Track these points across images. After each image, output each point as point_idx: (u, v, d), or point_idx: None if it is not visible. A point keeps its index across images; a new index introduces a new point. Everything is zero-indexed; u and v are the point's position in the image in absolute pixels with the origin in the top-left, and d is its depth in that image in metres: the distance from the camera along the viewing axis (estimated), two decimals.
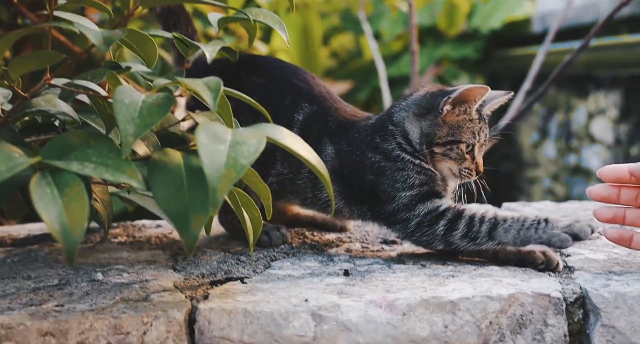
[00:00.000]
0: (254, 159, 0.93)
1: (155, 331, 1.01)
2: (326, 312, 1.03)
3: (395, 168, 1.26)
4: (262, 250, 1.34)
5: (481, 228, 1.20)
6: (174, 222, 0.93)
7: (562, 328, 1.06)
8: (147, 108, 0.95)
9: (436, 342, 1.04)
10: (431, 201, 1.25)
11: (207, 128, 0.95)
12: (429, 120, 1.26)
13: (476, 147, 1.27)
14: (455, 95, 1.23)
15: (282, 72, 1.37)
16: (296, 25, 5.37)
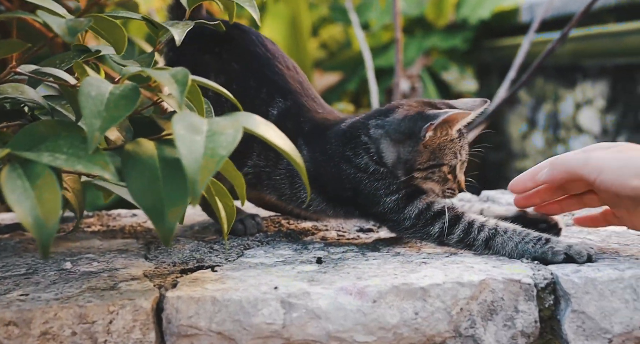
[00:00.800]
0: (232, 149, 0.91)
1: (122, 320, 1.00)
2: (296, 299, 1.02)
3: (373, 179, 1.23)
4: (236, 239, 1.33)
5: (479, 236, 1.17)
6: (150, 214, 0.92)
7: (533, 314, 1.05)
8: (115, 101, 0.94)
9: (406, 329, 1.04)
10: (419, 200, 1.22)
11: (183, 118, 0.93)
12: (408, 146, 1.21)
13: (457, 165, 1.23)
14: (438, 121, 1.17)
15: (260, 59, 1.34)
16: (284, 16, 5.35)
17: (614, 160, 1.07)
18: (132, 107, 0.94)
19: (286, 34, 5.40)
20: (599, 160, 1.08)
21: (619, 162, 1.06)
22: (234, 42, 1.34)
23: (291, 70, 1.34)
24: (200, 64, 1.33)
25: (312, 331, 1.02)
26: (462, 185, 1.25)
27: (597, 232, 1.30)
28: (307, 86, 1.33)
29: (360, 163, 1.24)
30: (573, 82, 4.40)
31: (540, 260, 1.13)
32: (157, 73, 0.97)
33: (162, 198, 0.92)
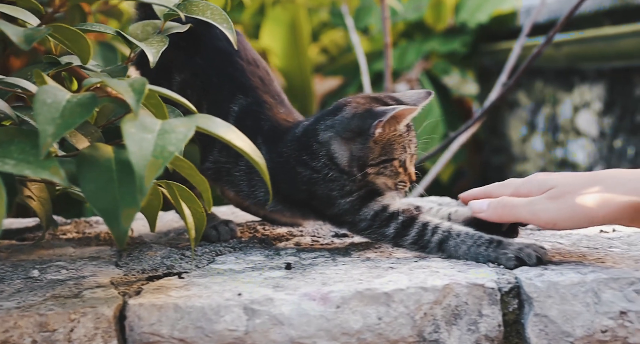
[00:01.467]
0: (181, 146, 0.92)
1: (83, 328, 1.00)
2: (259, 306, 1.03)
3: (327, 180, 1.24)
4: (209, 245, 1.33)
5: (432, 238, 1.18)
6: (104, 217, 0.92)
7: (497, 318, 1.05)
8: (70, 109, 0.94)
9: (370, 334, 1.04)
10: (375, 202, 1.23)
11: (135, 119, 0.94)
12: (359, 143, 1.22)
13: (407, 159, 1.24)
14: (386, 118, 1.18)
15: (222, 54, 1.34)
16: (284, 21, 5.36)
17: (562, 212, 1.08)
18: (87, 115, 0.94)
19: (286, 39, 5.41)
20: (547, 214, 1.09)
21: (567, 212, 1.07)
22: (199, 37, 1.35)
23: (252, 64, 1.34)
24: (166, 59, 1.33)
25: (275, 338, 1.02)
26: (413, 177, 1.26)
27: (569, 236, 1.30)
28: (268, 82, 1.34)
29: (316, 166, 1.24)
30: (571, 85, 4.40)
31: (494, 262, 1.14)
32: (115, 83, 0.98)
33: (117, 200, 0.92)
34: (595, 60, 4.09)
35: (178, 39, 1.31)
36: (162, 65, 1.32)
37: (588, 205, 1.06)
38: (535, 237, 1.30)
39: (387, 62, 2.67)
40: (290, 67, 5.49)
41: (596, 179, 1.08)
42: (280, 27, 5.36)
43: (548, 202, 1.09)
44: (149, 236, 1.41)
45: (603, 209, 1.05)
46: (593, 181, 1.08)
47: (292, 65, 5.53)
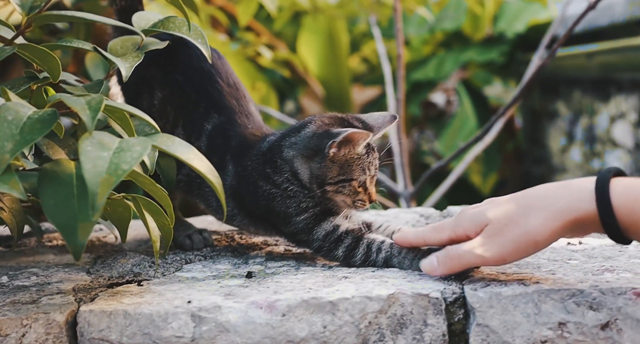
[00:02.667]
0: (135, 164, 0.96)
1: (34, 333, 1.05)
2: (206, 313, 1.06)
3: (285, 196, 1.27)
4: (182, 253, 1.37)
5: (378, 257, 1.21)
6: (61, 231, 0.97)
7: (441, 328, 1.07)
8: (30, 125, 0.99)
9: (315, 342, 1.06)
10: (327, 222, 1.25)
11: (93, 137, 0.99)
12: (317, 162, 1.24)
13: (367, 180, 1.26)
14: (339, 139, 1.20)
15: (202, 74, 1.38)
16: (321, 31, 5.39)
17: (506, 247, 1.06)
18: (47, 130, 0.99)
19: (323, 49, 5.44)
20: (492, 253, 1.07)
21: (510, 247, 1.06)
22: (180, 56, 1.39)
23: (231, 86, 1.38)
24: (147, 76, 1.38)
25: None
26: (373, 197, 1.28)
27: None
28: (244, 102, 1.37)
29: (278, 180, 1.27)
30: (607, 95, 4.35)
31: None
32: (72, 100, 1.02)
33: (75, 214, 0.96)
34: (630, 70, 4.04)
35: (162, 58, 1.37)
36: (145, 81, 1.37)
37: (528, 234, 1.05)
38: None
39: (399, 72, 2.68)
40: (328, 76, 5.53)
41: (527, 203, 1.07)
42: (317, 36, 5.39)
43: (489, 242, 1.07)
44: (129, 244, 1.45)
45: (543, 234, 1.04)
46: (524, 206, 1.06)
47: (330, 74, 5.56)
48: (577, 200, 1.04)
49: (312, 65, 5.46)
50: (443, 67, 5.68)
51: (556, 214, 1.03)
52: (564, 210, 1.03)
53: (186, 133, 1.35)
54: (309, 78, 5.62)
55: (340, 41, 5.51)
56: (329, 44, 5.47)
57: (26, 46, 1.11)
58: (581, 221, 1.04)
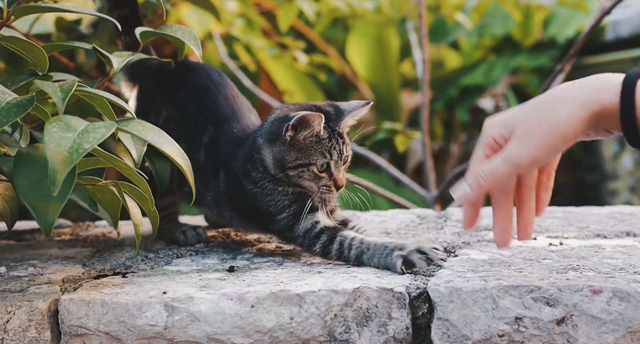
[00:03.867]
0: (96, 144, 1.02)
1: (17, 319, 1.11)
2: (179, 303, 1.11)
3: (264, 194, 1.32)
4: (175, 248, 1.43)
5: (350, 254, 1.24)
6: (33, 210, 1.04)
7: (405, 321, 1.10)
8: (7, 109, 1.07)
9: (282, 332, 1.10)
10: (306, 219, 1.29)
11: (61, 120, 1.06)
12: (278, 146, 1.29)
13: (331, 164, 1.29)
14: (292, 121, 1.24)
15: (202, 90, 1.45)
16: (370, 35, 5.41)
17: (538, 148, 1.04)
18: (22, 114, 1.06)
19: (372, 53, 5.46)
20: (525, 156, 1.04)
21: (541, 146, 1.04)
22: (183, 77, 1.47)
23: (228, 99, 1.44)
24: (156, 97, 1.47)
25: (193, 333, 1.10)
26: (339, 182, 1.30)
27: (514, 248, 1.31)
28: (240, 112, 1.43)
29: (256, 176, 1.32)
30: None
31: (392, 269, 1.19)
32: (46, 85, 1.09)
33: (47, 194, 1.03)
34: None
35: (166, 81, 1.46)
36: (154, 102, 1.46)
37: (557, 127, 1.03)
38: (480, 248, 1.33)
39: (424, 77, 2.70)
40: (377, 81, 5.54)
41: (552, 97, 1.05)
42: (366, 41, 5.41)
43: (521, 146, 1.04)
44: (130, 239, 1.52)
45: (570, 124, 1.02)
46: (550, 101, 1.04)
47: (379, 79, 5.58)
48: (603, 91, 1.02)
49: (361, 70, 5.48)
50: (492, 72, 5.65)
51: (582, 103, 1.02)
52: (590, 100, 1.02)
53: (188, 148, 1.40)
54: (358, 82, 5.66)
55: (390, 45, 5.52)
56: (378, 48, 5.49)
57: (12, 38, 1.18)
58: (604, 114, 1.02)
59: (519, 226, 1.12)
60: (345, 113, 1.31)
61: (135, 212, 1.24)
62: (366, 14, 3.92)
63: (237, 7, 3.34)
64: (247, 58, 3.46)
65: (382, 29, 5.31)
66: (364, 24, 5.13)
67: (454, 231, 1.45)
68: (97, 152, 1.14)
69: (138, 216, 1.25)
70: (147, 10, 2.08)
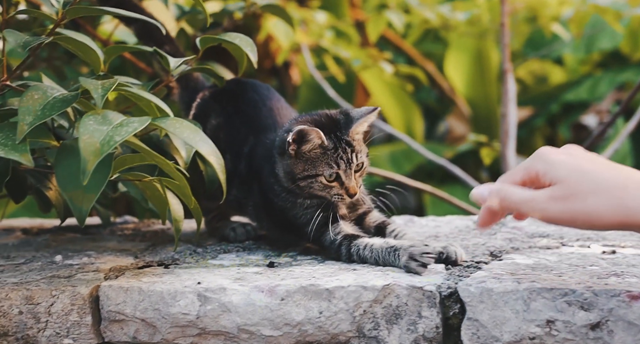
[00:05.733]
0: (127, 137, 1.07)
1: (61, 303, 1.16)
2: (212, 294, 1.13)
3: (288, 208, 1.34)
4: (223, 244, 1.45)
5: (370, 258, 1.24)
6: (69, 200, 1.09)
7: (435, 320, 1.08)
8: (53, 103, 1.13)
9: (311, 326, 1.10)
10: (328, 232, 1.30)
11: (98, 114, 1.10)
12: (286, 159, 1.30)
13: (341, 173, 1.28)
14: (290, 137, 1.26)
15: (248, 103, 1.48)
16: (470, 50, 5.35)
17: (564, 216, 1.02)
18: (65, 108, 1.13)
19: (470, 68, 5.40)
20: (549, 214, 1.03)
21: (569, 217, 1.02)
22: (234, 92, 1.51)
23: (272, 110, 1.46)
24: (209, 109, 1.51)
25: (224, 323, 1.12)
26: (351, 191, 1.29)
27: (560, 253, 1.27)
28: (280, 124, 1.43)
29: (277, 190, 1.35)
30: None
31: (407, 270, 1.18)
32: (88, 82, 1.14)
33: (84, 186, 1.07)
34: None
35: (220, 95, 1.51)
36: (204, 112, 1.50)
37: (590, 216, 1.00)
38: (527, 253, 1.29)
39: (505, 88, 2.64)
40: (475, 96, 5.47)
41: (604, 183, 1.00)
42: (466, 56, 5.35)
43: (551, 202, 1.02)
44: (186, 235, 1.54)
45: (603, 222, 0.99)
46: (600, 185, 1.00)
47: (478, 94, 5.51)
48: None
49: (459, 85, 5.42)
50: (597, 88, 5.48)
51: (625, 210, 0.98)
52: (634, 210, 0.98)
53: (232, 159, 1.43)
54: (456, 98, 5.60)
55: (490, 60, 5.43)
56: (477, 63, 5.42)
57: (68, 38, 1.23)
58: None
59: None
60: (353, 121, 1.30)
61: (176, 208, 1.28)
62: (459, 26, 3.87)
63: (327, 19, 3.37)
64: (335, 69, 3.48)
65: (482, 44, 5.24)
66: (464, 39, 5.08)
67: (506, 237, 1.42)
68: (140, 148, 1.18)
69: (179, 213, 1.28)
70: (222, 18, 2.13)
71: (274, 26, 3.11)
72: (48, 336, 1.16)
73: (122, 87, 1.19)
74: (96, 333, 1.17)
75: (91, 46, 1.25)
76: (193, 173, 1.36)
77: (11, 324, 1.16)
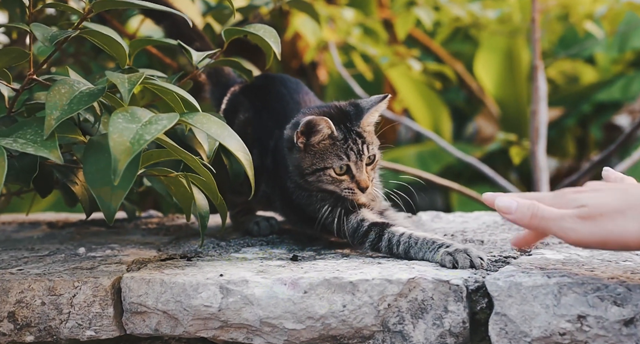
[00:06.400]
0: (157, 135, 1.05)
1: (83, 294, 1.15)
2: (234, 286, 1.11)
3: (306, 204, 1.31)
4: (247, 238, 1.44)
5: (398, 249, 1.20)
6: (97, 196, 1.07)
7: (461, 315, 1.05)
8: (79, 97, 1.11)
9: (334, 320, 1.08)
10: (350, 220, 1.27)
11: (127, 110, 1.09)
12: (294, 153, 1.28)
13: (351, 165, 1.25)
14: (299, 129, 1.23)
15: (276, 96, 1.46)
16: (500, 50, 5.29)
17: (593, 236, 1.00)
18: (92, 102, 1.11)
19: (501, 69, 5.34)
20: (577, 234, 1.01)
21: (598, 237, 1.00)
22: (263, 86, 1.49)
23: (300, 103, 1.43)
24: (239, 103, 1.49)
25: (246, 316, 1.10)
26: (362, 184, 1.26)
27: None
28: None
29: (290, 186, 1.33)
30: None
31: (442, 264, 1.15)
32: (115, 76, 1.13)
33: (111, 182, 1.05)
34: None
35: (249, 90, 1.49)
36: (233, 107, 1.49)
37: (621, 236, 0.98)
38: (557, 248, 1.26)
39: (535, 85, 2.60)
40: (505, 97, 5.42)
41: (630, 203, 0.99)
42: (496, 56, 5.30)
43: (579, 222, 1.01)
44: (210, 229, 1.53)
45: (636, 241, 0.98)
46: (626, 205, 0.99)
47: (507, 95, 5.45)
48: None
49: (489, 86, 5.37)
50: (631, 88, 5.41)
51: None
52: None
53: (260, 154, 1.41)
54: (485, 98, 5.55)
55: (520, 60, 5.38)
56: (507, 64, 5.36)
57: (94, 32, 1.22)
58: None
59: None
60: (364, 111, 1.28)
61: (202, 204, 1.27)
62: (489, 24, 3.83)
63: (354, 16, 3.34)
64: (363, 66, 3.45)
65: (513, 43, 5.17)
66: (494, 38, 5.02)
67: None
68: (167, 144, 1.16)
69: (205, 208, 1.27)
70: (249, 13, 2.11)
71: (301, 24, 3.10)
72: (70, 327, 1.15)
73: (148, 80, 1.17)
74: (118, 325, 1.16)
75: (117, 39, 1.24)
76: (219, 168, 1.35)
77: (34, 315, 1.15)
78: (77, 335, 1.15)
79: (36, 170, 1.18)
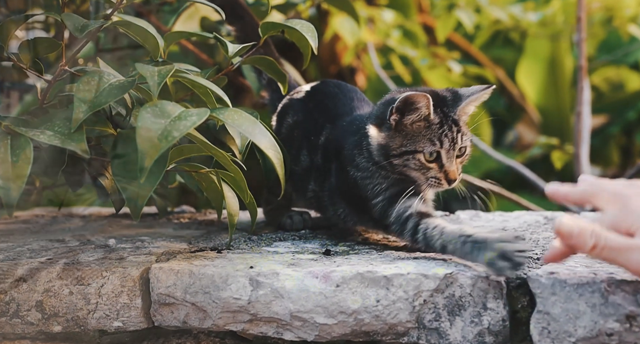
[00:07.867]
0: (185, 132, 1.03)
1: (111, 284, 1.12)
2: (264, 278, 1.08)
3: (364, 177, 1.24)
4: (280, 232, 1.41)
5: (435, 243, 1.12)
6: (122, 190, 1.06)
7: (501, 313, 1.01)
8: (108, 90, 1.10)
9: (367, 315, 1.04)
10: (399, 203, 1.19)
11: (156, 105, 1.06)
12: (383, 131, 1.20)
13: (442, 153, 1.18)
14: (396, 104, 1.16)
15: (327, 96, 1.42)
16: (543, 56, 5.21)
17: None
18: (120, 95, 1.09)
19: (543, 76, 5.26)
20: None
21: None
22: (317, 89, 1.45)
23: (351, 100, 1.39)
24: (289, 106, 1.45)
25: (276, 310, 1.07)
26: (451, 175, 1.19)
27: None
28: (356, 110, 1.37)
29: (360, 161, 1.25)
30: None
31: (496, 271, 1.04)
32: (144, 68, 1.10)
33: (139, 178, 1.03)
34: None
35: (304, 94, 1.44)
36: (285, 111, 1.46)
37: None
38: None
39: (579, 84, 2.54)
40: (547, 105, 5.33)
41: None
42: (539, 63, 5.22)
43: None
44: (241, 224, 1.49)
45: None
46: None
47: (550, 102, 5.36)
48: None
49: (530, 93, 5.29)
50: None
51: None
52: None
53: (309, 152, 1.37)
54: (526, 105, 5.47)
55: (564, 67, 5.28)
56: (550, 71, 5.27)
57: (127, 23, 1.20)
58: None
59: None
60: (463, 98, 1.21)
61: (232, 202, 1.24)
62: (530, 27, 3.76)
63: (394, 18, 3.31)
64: (401, 68, 3.41)
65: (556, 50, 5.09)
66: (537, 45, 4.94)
67: None
68: (197, 139, 1.14)
69: (234, 207, 1.24)
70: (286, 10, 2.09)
71: (340, 25, 3.06)
72: (98, 318, 1.13)
73: (179, 74, 1.15)
74: (146, 317, 1.13)
75: (150, 31, 1.21)
76: (256, 164, 1.32)
77: (61, 305, 1.13)
78: (105, 326, 1.13)
79: (64, 163, 1.16)
